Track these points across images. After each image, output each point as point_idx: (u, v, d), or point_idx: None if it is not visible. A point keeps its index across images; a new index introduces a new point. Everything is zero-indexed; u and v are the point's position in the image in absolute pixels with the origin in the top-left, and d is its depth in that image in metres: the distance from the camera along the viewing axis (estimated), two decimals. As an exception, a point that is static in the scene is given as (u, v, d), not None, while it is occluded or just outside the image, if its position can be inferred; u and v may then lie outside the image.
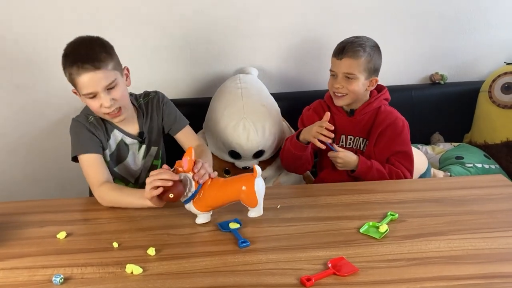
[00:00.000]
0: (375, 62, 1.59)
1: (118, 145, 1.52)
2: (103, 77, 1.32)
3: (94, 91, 1.33)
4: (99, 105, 1.36)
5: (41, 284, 1.02)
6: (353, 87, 1.57)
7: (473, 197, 1.34)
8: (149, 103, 1.56)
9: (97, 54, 1.32)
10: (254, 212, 1.22)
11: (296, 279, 1.00)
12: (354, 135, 1.65)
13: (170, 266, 1.07)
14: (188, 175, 1.18)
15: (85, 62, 1.30)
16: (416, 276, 1.00)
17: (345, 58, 1.55)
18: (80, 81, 1.32)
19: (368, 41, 1.60)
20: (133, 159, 1.57)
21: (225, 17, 2.01)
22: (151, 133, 1.57)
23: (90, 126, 1.46)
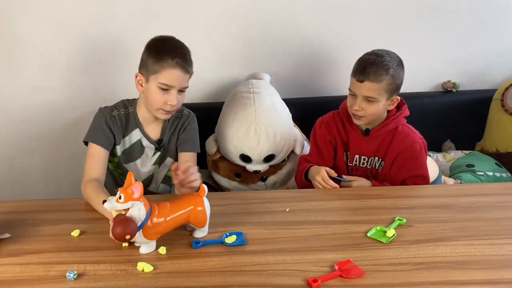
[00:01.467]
0: (397, 82, 1.48)
1: (134, 144, 1.58)
2: (186, 80, 1.48)
3: (173, 85, 1.44)
4: (165, 99, 1.45)
5: (56, 279, 1.05)
6: (373, 110, 1.48)
7: (481, 204, 1.34)
8: (180, 118, 1.62)
9: (191, 61, 1.48)
10: (202, 232, 1.20)
11: (302, 280, 1.02)
12: (368, 155, 1.59)
13: (180, 265, 1.09)
14: (139, 203, 1.09)
15: (184, 62, 1.44)
16: (422, 280, 1.02)
17: (366, 81, 1.44)
18: (169, 73, 1.43)
19: (391, 59, 1.47)
20: (144, 162, 1.62)
21: (238, 23, 2.04)
22: (170, 144, 1.61)
23: (111, 119, 1.53)
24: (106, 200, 1.09)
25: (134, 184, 1.08)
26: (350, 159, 1.62)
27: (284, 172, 1.91)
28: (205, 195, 1.19)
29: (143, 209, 1.09)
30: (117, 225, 1.06)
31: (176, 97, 1.45)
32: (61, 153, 2.15)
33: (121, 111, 1.56)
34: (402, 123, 1.57)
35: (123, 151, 1.58)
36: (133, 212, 1.08)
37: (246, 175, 1.90)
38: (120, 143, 1.56)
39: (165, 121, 1.59)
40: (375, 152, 1.58)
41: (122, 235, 1.06)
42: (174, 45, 1.46)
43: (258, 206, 1.36)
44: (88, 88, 2.08)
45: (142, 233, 1.10)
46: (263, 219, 1.29)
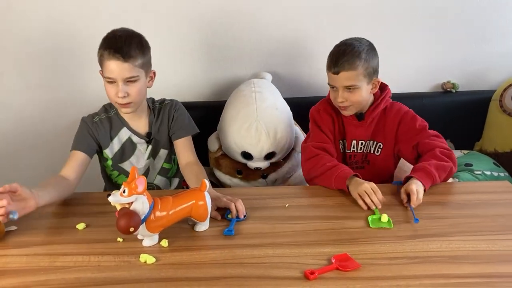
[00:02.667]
0: (372, 64, 1.50)
1: (124, 143, 1.61)
2: (128, 69, 1.43)
3: (114, 77, 1.43)
4: (114, 92, 1.46)
5: (61, 269, 1.09)
6: (357, 97, 1.50)
7: (477, 202, 1.37)
8: (163, 108, 1.64)
9: (131, 49, 1.42)
10: (203, 226, 1.24)
11: (300, 273, 1.05)
12: (364, 140, 1.62)
13: (182, 257, 1.13)
14: (142, 197, 1.12)
15: (117, 52, 1.41)
16: (416, 273, 1.05)
17: (342, 72, 1.47)
18: (107, 65, 1.43)
19: (361, 45, 1.50)
20: (138, 158, 1.65)
21: (241, 23, 2.07)
22: (159, 135, 1.64)
23: (93, 126, 1.57)
24: (110, 194, 1.12)
25: (138, 178, 1.11)
26: (347, 145, 1.64)
27: (284, 170, 1.94)
28: (206, 190, 1.22)
29: (147, 202, 1.12)
30: (121, 218, 1.10)
31: (122, 88, 1.44)
32: (66, 148, 2.17)
33: (102, 116, 1.60)
34: (389, 102, 1.61)
35: (115, 153, 1.62)
36: (136, 206, 1.11)
37: (247, 172, 1.94)
38: (109, 146, 1.60)
39: (150, 114, 1.62)
40: (372, 135, 1.61)
41: (126, 228, 1.09)
42: (112, 36, 1.46)
43: (258, 201, 1.39)
44: (93, 85, 2.11)
45: (145, 226, 1.14)
46: (263, 214, 1.33)
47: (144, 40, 1.50)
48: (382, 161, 1.62)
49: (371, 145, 1.63)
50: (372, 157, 1.63)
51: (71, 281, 1.05)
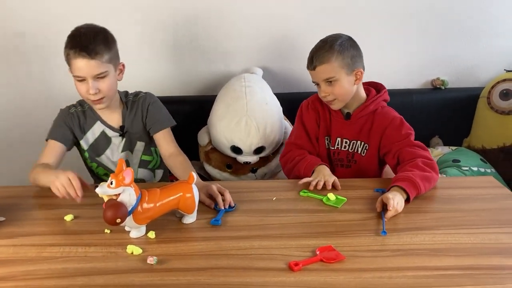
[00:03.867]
0: (350, 55, 1.50)
1: (98, 137, 1.62)
2: (95, 66, 1.42)
3: (83, 75, 1.43)
4: (85, 89, 1.46)
5: (48, 260, 1.10)
6: (338, 90, 1.51)
7: (462, 196, 1.39)
8: (137, 101, 1.64)
9: (96, 45, 1.42)
10: (191, 218, 1.25)
11: (285, 264, 1.06)
12: (349, 139, 1.62)
13: (168, 248, 1.14)
14: (129, 188, 1.13)
15: (82, 50, 1.40)
16: (399, 265, 1.06)
17: (318, 66, 1.50)
18: (74, 64, 1.43)
19: (335, 39, 1.52)
20: (113, 151, 1.65)
21: (232, 18, 2.08)
22: (133, 128, 1.63)
23: (68, 117, 1.59)
24: (97, 185, 1.13)
25: (125, 170, 1.12)
26: (332, 142, 1.64)
27: (273, 164, 1.95)
28: (193, 182, 1.23)
29: (134, 194, 1.13)
30: (108, 209, 1.10)
31: (92, 85, 1.44)
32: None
33: (78, 109, 1.61)
34: (381, 106, 1.60)
35: (90, 146, 1.63)
36: (123, 197, 1.12)
37: (237, 167, 1.95)
38: (83, 138, 1.61)
39: (124, 108, 1.62)
40: (357, 135, 1.60)
41: (113, 219, 1.10)
42: (76, 35, 1.45)
43: (246, 195, 1.40)
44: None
45: (132, 218, 1.14)
46: (250, 207, 1.34)
47: (109, 35, 1.49)
48: (367, 162, 1.62)
49: (358, 145, 1.62)
50: (358, 157, 1.63)
51: (58, 271, 1.06)
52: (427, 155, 1.47)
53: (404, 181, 1.34)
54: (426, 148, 1.51)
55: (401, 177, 1.37)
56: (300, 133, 1.65)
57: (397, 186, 1.34)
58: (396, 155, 1.51)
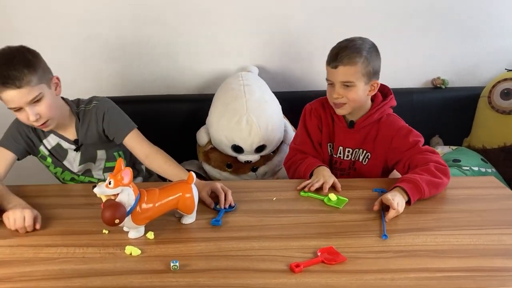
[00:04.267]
0: (373, 65, 1.45)
1: (53, 149, 1.54)
2: (27, 93, 1.32)
3: (18, 106, 1.34)
4: (25, 118, 1.37)
5: (45, 261, 1.08)
6: (353, 95, 1.45)
7: (464, 197, 1.38)
8: (90, 111, 1.53)
9: (19, 73, 1.30)
10: (190, 219, 1.24)
11: (286, 265, 1.05)
12: (352, 148, 1.57)
13: (167, 249, 1.12)
14: (128, 188, 1.11)
15: (6, 82, 1.29)
16: (401, 267, 1.05)
17: (340, 66, 1.43)
18: (4, 97, 1.33)
19: (364, 42, 1.47)
20: (70, 162, 1.58)
21: (228, 15, 2.06)
22: (88, 139, 1.54)
23: (23, 125, 1.47)
24: (95, 185, 1.11)
25: (124, 170, 1.10)
26: (334, 150, 1.61)
27: (274, 163, 1.94)
28: (193, 182, 1.22)
29: (133, 194, 1.12)
30: (106, 209, 1.09)
31: (32, 112, 1.34)
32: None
33: None
34: (387, 113, 1.54)
35: (50, 152, 1.55)
36: (122, 197, 1.10)
37: (237, 166, 1.93)
38: (41, 145, 1.54)
39: (76, 120, 1.52)
40: (360, 144, 1.56)
41: (112, 219, 1.08)
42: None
43: (246, 195, 1.39)
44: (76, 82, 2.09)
45: (131, 218, 1.13)
46: (250, 207, 1.32)
47: (28, 54, 1.35)
48: (368, 171, 1.57)
49: (360, 153, 1.58)
50: (358, 165, 1.59)
51: (55, 272, 1.04)
52: (439, 159, 1.42)
53: (408, 183, 1.32)
54: (436, 153, 1.46)
55: (406, 179, 1.34)
56: (304, 138, 1.62)
57: (400, 187, 1.32)
58: (406, 163, 1.46)
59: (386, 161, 1.54)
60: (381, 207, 1.29)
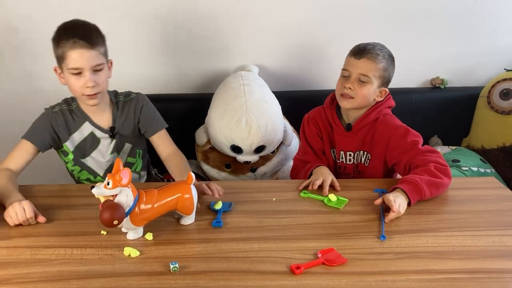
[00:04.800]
0: (389, 72, 1.52)
1: (86, 138, 1.55)
2: (95, 56, 1.38)
3: (81, 67, 1.38)
4: (81, 83, 1.40)
5: (42, 262, 1.07)
6: (364, 92, 1.47)
7: (464, 198, 1.37)
8: (128, 102, 1.58)
9: (93, 35, 1.39)
10: (189, 220, 1.23)
11: (286, 267, 1.04)
12: (353, 151, 1.58)
13: (166, 250, 1.11)
14: (127, 189, 1.10)
15: (81, 39, 1.35)
16: (403, 268, 1.04)
17: (364, 58, 1.47)
18: (72, 55, 1.36)
19: (387, 50, 1.53)
20: (101, 152, 1.59)
21: (228, 14, 2.05)
22: (124, 129, 1.57)
23: (52, 116, 1.51)
24: (94, 186, 1.10)
25: (123, 170, 1.09)
26: (337, 156, 1.62)
27: (273, 163, 1.93)
28: (192, 183, 1.21)
29: (131, 195, 1.10)
30: (105, 210, 1.07)
31: (91, 78, 1.39)
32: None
33: (63, 107, 1.53)
34: (384, 113, 1.55)
35: (76, 147, 1.56)
36: (121, 198, 1.09)
37: (236, 166, 1.92)
38: (68, 139, 1.54)
39: (115, 108, 1.56)
40: (360, 146, 1.57)
41: (110, 220, 1.07)
42: (70, 26, 1.40)
43: (245, 195, 1.38)
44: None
45: (129, 219, 1.11)
46: (250, 208, 1.31)
47: (100, 30, 1.45)
48: (371, 172, 1.57)
49: (361, 155, 1.58)
50: (362, 167, 1.59)
51: (53, 274, 1.03)
52: (439, 160, 1.41)
53: (408, 184, 1.31)
54: (437, 152, 1.45)
55: (406, 180, 1.34)
56: (305, 148, 1.64)
57: (400, 188, 1.31)
58: (407, 166, 1.45)
59: (385, 161, 1.54)
60: (381, 204, 1.28)
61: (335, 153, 1.62)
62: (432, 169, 1.36)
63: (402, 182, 1.33)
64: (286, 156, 1.95)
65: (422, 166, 1.39)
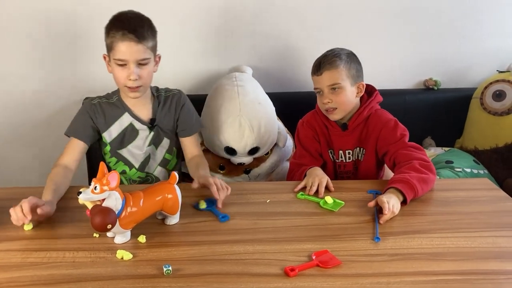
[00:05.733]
0: (355, 67, 1.55)
1: (125, 129, 1.57)
2: (141, 51, 1.42)
3: (127, 59, 1.41)
4: (125, 75, 1.43)
5: (34, 266, 1.05)
6: (342, 98, 1.53)
7: (458, 199, 1.37)
8: (170, 98, 1.61)
9: (143, 29, 1.42)
10: (174, 219, 1.23)
11: (280, 269, 1.04)
12: (351, 148, 1.62)
13: (160, 253, 1.10)
14: (115, 192, 1.09)
15: (131, 32, 1.39)
16: (397, 270, 1.04)
17: (324, 71, 1.52)
18: (119, 47, 1.40)
19: (342, 50, 1.57)
20: (138, 144, 1.60)
21: (222, 16, 2.05)
22: (163, 123, 1.60)
23: (91, 108, 1.54)
24: (81, 191, 1.08)
25: (110, 173, 1.08)
26: (336, 155, 1.65)
27: (267, 165, 1.92)
28: (175, 183, 1.21)
29: (120, 198, 1.10)
30: (96, 215, 1.06)
31: (134, 71, 1.42)
32: (44, 141, 2.13)
33: (103, 100, 1.57)
34: (375, 109, 1.60)
35: (114, 138, 1.58)
36: (109, 202, 1.08)
37: (230, 168, 1.92)
38: (107, 130, 1.56)
39: (155, 101, 1.59)
40: (357, 143, 1.61)
41: (104, 225, 1.06)
42: (123, 18, 1.43)
43: (239, 197, 1.38)
44: (71, 77, 2.07)
45: (118, 223, 1.10)
46: (244, 210, 1.31)
47: (153, 24, 1.48)
48: (365, 166, 1.62)
49: (358, 152, 1.63)
50: (358, 163, 1.64)
51: (45, 277, 1.02)
52: (423, 156, 1.45)
53: (400, 182, 1.33)
54: (422, 149, 1.50)
55: (397, 179, 1.35)
56: (301, 152, 1.66)
57: (394, 187, 1.32)
58: (392, 157, 1.50)
59: (376, 152, 1.58)
60: (375, 205, 1.28)
61: (334, 154, 1.65)
62: (417, 166, 1.40)
63: (394, 182, 1.34)
64: (280, 157, 1.95)
65: (406, 162, 1.42)
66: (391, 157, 1.50)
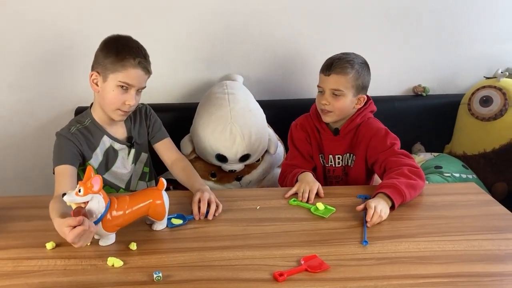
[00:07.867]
0: (363, 79, 1.55)
1: (106, 152, 1.56)
2: (145, 80, 1.49)
3: (132, 85, 1.44)
4: (124, 99, 1.45)
5: (25, 274, 1.06)
6: (340, 105, 1.54)
7: (445, 203, 1.39)
8: (138, 112, 1.63)
9: (150, 62, 1.49)
10: (161, 225, 1.24)
11: (269, 274, 1.05)
12: (341, 154, 1.64)
13: (150, 260, 1.11)
14: (98, 196, 1.11)
15: (145, 62, 1.46)
16: (384, 274, 1.06)
17: (333, 74, 1.52)
18: (131, 72, 1.43)
19: (357, 57, 1.57)
20: (122, 164, 1.60)
21: (213, 24, 2.07)
22: (140, 139, 1.62)
23: (73, 137, 1.48)
24: (65, 193, 1.10)
25: (94, 177, 1.10)
26: (326, 160, 1.66)
27: (258, 172, 1.94)
28: (163, 188, 1.22)
29: (103, 201, 1.12)
30: None
31: (134, 97, 1.46)
32: (37, 151, 2.13)
33: (78, 127, 1.51)
34: (367, 117, 1.61)
35: (99, 164, 1.55)
36: (92, 205, 1.11)
37: (221, 175, 1.93)
38: (92, 156, 1.53)
39: (127, 119, 1.59)
40: (348, 149, 1.63)
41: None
42: (134, 45, 1.46)
43: (230, 203, 1.39)
44: (63, 87, 2.07)
45: (101, 226, 1.13)
46: (234, 216, 1.32)
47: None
48: (355, 172, 1.63)
49: (348, 158, 1.65)
50: (348, 169, 1.65)
51: (36, 286, 1.02)
52: (412, 163, 1.47)
53: (389, 188, 1.35)
54: (411, 156, 1.52)
55: (386, 184, 1.37)
56: (293, 153, 1.68)
57: (382, 193, 1.33)
58: (382, 165, 1.52)
59: (366, 160, 1.60)
60: (364, 210, 1.30)
61: (324, 158, 1.67)
62: (406, 172, 1.41)
63: (383, 187, 1.36)
64: (271, 164, 1.97)
65: (396, 168, 1.44)
66: (381, 165, 1.52)
